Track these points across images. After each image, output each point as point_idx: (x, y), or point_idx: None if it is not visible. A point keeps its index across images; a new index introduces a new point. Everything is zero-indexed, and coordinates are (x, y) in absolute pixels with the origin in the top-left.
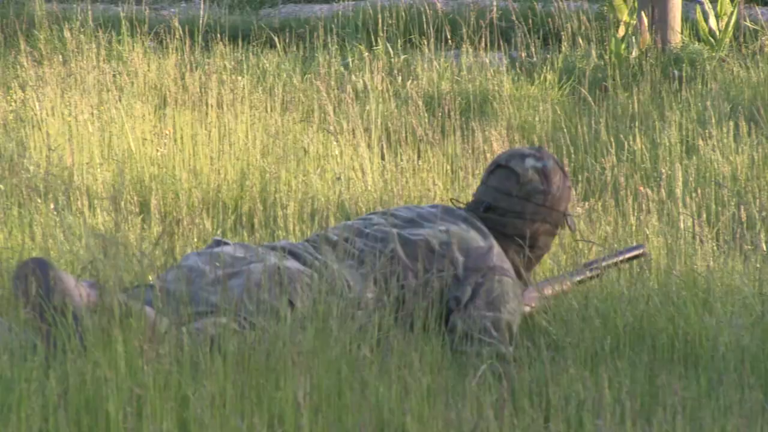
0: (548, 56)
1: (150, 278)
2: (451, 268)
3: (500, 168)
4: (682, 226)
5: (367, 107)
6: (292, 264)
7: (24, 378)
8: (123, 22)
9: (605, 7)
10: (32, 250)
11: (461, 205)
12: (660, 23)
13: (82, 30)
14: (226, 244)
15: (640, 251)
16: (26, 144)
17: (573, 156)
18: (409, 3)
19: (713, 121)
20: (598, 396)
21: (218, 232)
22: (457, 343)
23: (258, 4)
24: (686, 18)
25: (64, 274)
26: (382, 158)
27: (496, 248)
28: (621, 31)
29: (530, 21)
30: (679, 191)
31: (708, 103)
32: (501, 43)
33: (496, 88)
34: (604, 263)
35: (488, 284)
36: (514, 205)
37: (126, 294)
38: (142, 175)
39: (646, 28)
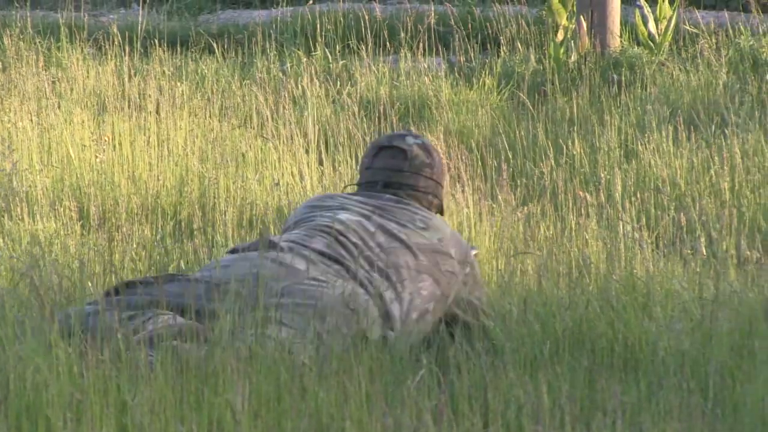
0: (487, 61)
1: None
2: (452, 264)
3: (384, 149)
4: (621, 230)
5: (305, 113)
6: (361, 291)
7: None
8: (62, 29)
9: (544, 12)
10: None
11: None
12: (599, 27)
13: (21, 37)
14: (281, 248)
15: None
16: None
17: (512, 161)
18: (348, 9)
19: (653, 125)
20: (537, 401)
21: (158, 237)
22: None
23: (196, 10)
24: (625, 22)
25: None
26: (320, 163)
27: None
28: (560, 36)
29: (469, 26)
30: (618, 196)
31: (648, 107)
32: (439, 48)
33: (435, 93)
34: None
35: (473, 272)
36: (407, 179)
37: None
38: (81, 182)
39: (585, 32)
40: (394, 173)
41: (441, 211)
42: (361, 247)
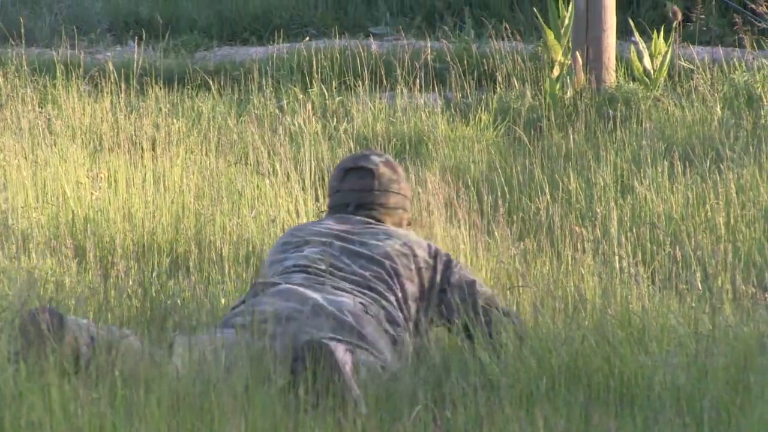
0: (483, 97)
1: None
2: (422, 260)
3: (351, 171)
4: (617, 265)
5: (302, 149)
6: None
7: None
8: (58, 67)
9: (540, 48)
10: None
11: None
12: (594, 63)
13: (17, 74)
14: (277, 284)
15: None
16: None
17: (508, 196)
18: (344, 45)
19: (648, 160)
20: None
21: (153, 275)
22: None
23: (193, 47)
24: (621, 57)
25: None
26: (317, 200)
27: None
28: (556, 71)
29: (465, 62)
30: (614, 231)
31: (643, 142)
32: (435, 84)
33: (431, 129)
34: None
35: (452, 263)
36: (378, 198)
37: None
38: (76, 219)
39: (581, 67)
40: (364, 194)
41: (410, 222)
42: (333, 270)
